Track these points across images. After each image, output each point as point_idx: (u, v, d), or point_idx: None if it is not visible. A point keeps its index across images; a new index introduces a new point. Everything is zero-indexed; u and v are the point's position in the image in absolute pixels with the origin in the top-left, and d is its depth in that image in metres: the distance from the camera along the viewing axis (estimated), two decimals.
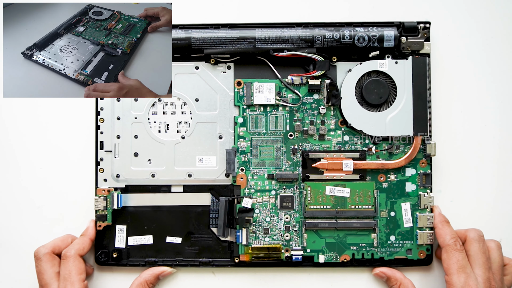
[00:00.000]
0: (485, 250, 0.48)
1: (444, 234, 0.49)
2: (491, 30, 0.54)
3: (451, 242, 0.48)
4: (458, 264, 0.47)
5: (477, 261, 0.47)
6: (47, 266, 0.49)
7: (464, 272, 0.46)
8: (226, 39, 0.51)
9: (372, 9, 0.54)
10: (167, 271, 0.52)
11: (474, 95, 0.54)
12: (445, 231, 0.49)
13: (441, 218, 0.51)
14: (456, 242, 0.48)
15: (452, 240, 0.48)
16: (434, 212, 0.52)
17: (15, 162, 0.54)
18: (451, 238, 0.48)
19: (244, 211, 0.52)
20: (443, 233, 0.49)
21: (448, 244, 0.48)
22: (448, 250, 0.48)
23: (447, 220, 0.51)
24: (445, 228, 0.50)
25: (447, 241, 0.48)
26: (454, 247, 0.48)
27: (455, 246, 0.48)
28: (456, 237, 0.48)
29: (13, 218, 0.54)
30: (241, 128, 0.53)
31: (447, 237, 0.48)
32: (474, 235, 0.49)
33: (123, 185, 0.53)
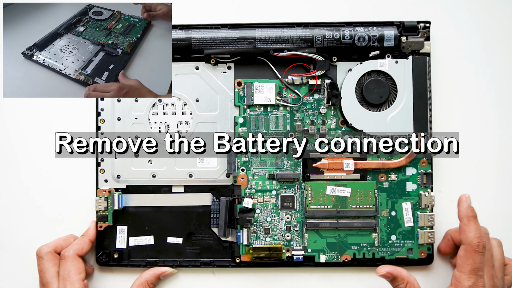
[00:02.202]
0: (489, 248, 0.47)
1: (468, 231, 0.46)
2: (491, 30, 0.54)
3: (475, 242, 0.46)
4: (474, 266, 0.45)
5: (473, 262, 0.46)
6: (49, 265, 0.49)
7: (476, 274, 0.45)
8: (226, 39, 0.51)
9: (372, 8, 0.54)
10: (168, 271, 0.52)
11: (474, 94, 0.54)
12: (471, 228, 0.46)
13: (469, 213, 0.47)
14: (480, 244, 0.45)
15: (476, 240, 0.46)
16: (462, 203, 0.48)
17: (15, 162, 0.54)
18: (476, 238, 0.46)
19: (245, 211, 0.52)
20: (468, 229, 0.46)
21: (470, 244, 0.46)
22: (469, 250, 0.46)
23: (475, 215, 0.47)
24: (471, 224, 0.47)
25: (471, 240, 0.46)
26: (476, 248, 0.45)
27: (478, 247, 0.45)
28: (481, 238, 0.46)
29: (14, 217, 0.54)
30: (242, 128, 0.53)
31: (471, 235, 0.46)
32: (481, 239, 0.46)
33: (124, 186, 0.53)
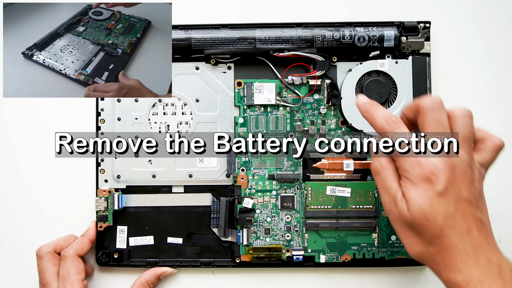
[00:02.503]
0: (440, 120, 0.40)
1: (375, 117, 0.41)
2: (491, 30, 0.54)
3: (385, 124, 0.40)
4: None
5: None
6: (49, 265, 0.49)
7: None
8: (226, 39, 0.51)
9: (372, 9, 0.54)
10: (168, 271, 0.52)
11: (474, 95, 0.54)
12: (376, 112, 0.41)
13: (367, 103, 0.42)
14: (390, 123, 0.40)
15: (385, 120, 0.40)
16: (358, 104, 0.43)
17: (15, 162, 0.54)
18: (385, 118, 0.40)
19: (245, 211, 0.52)
20: (373, 115, 0.41)
21: (381, 127, 0.40)
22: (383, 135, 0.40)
23: (376, 103, 0.42)
24: (375, 109, 0.41)
25: (380, 123, 0.40)
26: (388, 127, 0.40)
27: (390, 126, 0.40)
28: (391, 117, 0.40)
29: (14, 217, 0.54)
30: (242, 128, 0.53)
31: (379, 118, 0.41)
32: (427, 103, 0.40)
33: (124, 186, 0.53)
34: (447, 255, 0.38)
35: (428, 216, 0.38)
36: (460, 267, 0.38)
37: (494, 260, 0.38)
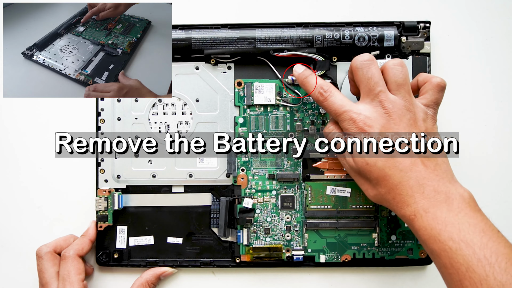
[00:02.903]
0: (370, 75, 0.43)
1: (308, 88, 0.45)
2: (491, 30, 0.54)
3: (318, 95, 0.45)
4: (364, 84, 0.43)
5: (362, 91, 0.43)
6: (48, 265, 0.49)
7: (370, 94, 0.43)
8: (226, 39, 0.51)
9: (372, 8, 0.54)
10: (168, 271, 0.52)
11: (474, 94, 0.54)
12: (309, 83, 0.46)
13: (301, 74, 0.46)
14: (322, 92, 0.44)
15: (317, 91, 0.44)
16: (296, 74, 0.47)
17: (15, 162, 0.54)
18: (317, 89, 0.45)
19: (245, 211, 0.52)
20: (307, 86, 0.45)
21: (315, 98, 0.45)
22: (317, 98, 0.44)
23: (310, 72, 0.46)
24: (308, 80, 0.46)
25: (313, 94, 0.45)
26: (321, 98, 0.44)
27: (322, 96, 0.44)
28: (322, 87, 0.45)
29: (13, 218, 0.54)
30: (242, 128, 0.53)
31: (312, 89, 0.45)
32: (355, 63, 0.44)
33: (124, 186, 0.53)
34: (395, 193, 0.41)
35: (367, 161, 0.42)
36: (408, 201, 0.40)
37: (441, 189, 0.40)
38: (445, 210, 0.38)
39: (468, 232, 0.37)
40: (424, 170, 0.41)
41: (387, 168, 0.41)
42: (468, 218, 0.38)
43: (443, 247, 0.37)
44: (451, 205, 0.39)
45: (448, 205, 0.39)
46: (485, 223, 0.38)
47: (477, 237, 0.37)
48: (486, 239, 0.37)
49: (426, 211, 0.39)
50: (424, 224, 0.39)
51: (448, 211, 0.38)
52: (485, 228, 0.37)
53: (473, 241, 0.36)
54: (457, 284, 0.36)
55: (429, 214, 0.39)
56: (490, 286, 0.35)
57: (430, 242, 0.38)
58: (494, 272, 0.35)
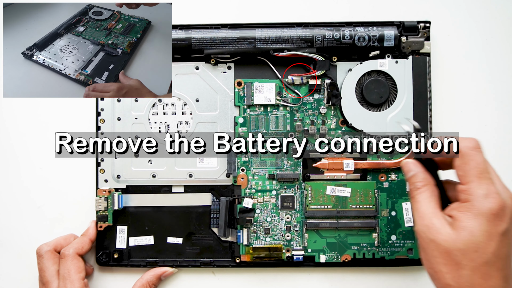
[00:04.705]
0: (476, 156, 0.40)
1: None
2: (491, 30, 0.54)
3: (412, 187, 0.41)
4: (479, 167, 0.39)
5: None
6: (49, 263, 0.49)
7: (485, 177, 0.38)
8: (226, 39, 0.51)
9: (372, 8, 0.54)
10: (168, 271, 0.52)
11: (474, 94, 0.54)
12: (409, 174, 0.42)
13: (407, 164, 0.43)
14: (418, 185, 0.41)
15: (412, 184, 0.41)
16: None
17: (15, 161, 0.54)
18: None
19: (245, 211, 0.52)
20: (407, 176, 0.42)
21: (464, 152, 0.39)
22: (465, 155, 0.39)
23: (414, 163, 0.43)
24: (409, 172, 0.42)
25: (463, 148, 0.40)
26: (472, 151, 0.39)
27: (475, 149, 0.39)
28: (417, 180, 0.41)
29: (14, 217, 0.54)
30: (242, 128, 0.53)
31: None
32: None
33: (124, 186, 0.53)
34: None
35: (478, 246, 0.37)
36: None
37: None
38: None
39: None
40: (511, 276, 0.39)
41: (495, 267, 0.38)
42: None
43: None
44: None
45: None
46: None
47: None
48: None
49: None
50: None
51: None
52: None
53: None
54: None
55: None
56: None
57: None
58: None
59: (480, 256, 0.37)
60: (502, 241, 0.37)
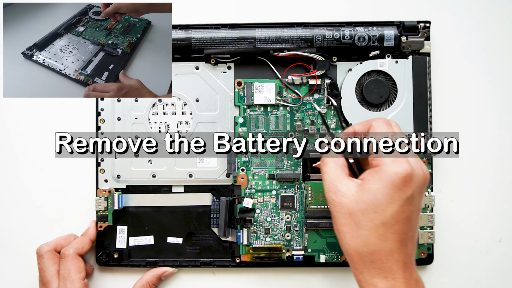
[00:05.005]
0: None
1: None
2: (491, 30, 0.54)
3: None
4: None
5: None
6: (49, 263, 0.49)
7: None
8: (226, 39, 0.51)
9: (372, 8, 0.54)
10: (168, 271, 0.52)
11: (474, 94, 0.54)
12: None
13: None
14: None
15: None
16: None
17: (15, 162, 0.54)
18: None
19: (245, 211, 0.52)
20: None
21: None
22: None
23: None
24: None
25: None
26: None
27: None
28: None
29: (14, 217, 0.54)
30: (242, 128, 0.53)
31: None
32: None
33: (124, 186, 0.53)
34: (381, 260, 0.39)
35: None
36: (388, 274, 0.39)
37: (414, 273, 0.40)
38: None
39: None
40: (412, 247, 0.40)
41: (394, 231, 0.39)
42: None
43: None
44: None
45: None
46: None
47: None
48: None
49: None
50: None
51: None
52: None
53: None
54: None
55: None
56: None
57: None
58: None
59: (378, 217, 0.38)
60: (404, 206, 0.38)
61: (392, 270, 0.38)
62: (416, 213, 0.40)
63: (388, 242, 0.38)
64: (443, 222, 0.53)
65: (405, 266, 0.39)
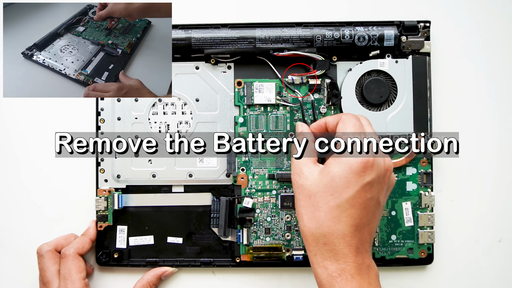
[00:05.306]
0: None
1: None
2: (491, 30, 0.54)
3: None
4: (355, 127, 0.43)
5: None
6: (50, 263, 0.49)
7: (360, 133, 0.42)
8: (226, 39, 0.51)
9: (372, 8, 0.54)
10: (168, 271, 0.52)
11: (474, 94, 0.54)
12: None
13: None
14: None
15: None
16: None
17: (15, 162, 0.54)
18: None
19: (245, 211, 0.52)
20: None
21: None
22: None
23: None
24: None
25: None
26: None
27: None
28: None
29: (14, 217, 0.54)
30: (242, 128, 0.53)
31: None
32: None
33: (124, 186, 0.53)
34: (333, 242, 0.40)
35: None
36: (339, 258, 0.40)
37: (366, 259, 0.40)
38: (367, 282, 0.39)
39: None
40: (368, 235, 0.41)
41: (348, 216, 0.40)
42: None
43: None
44: (370, 277, 0.40)
45: (369, 277, 0.40)
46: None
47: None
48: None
49: (353, 276, 0.39)
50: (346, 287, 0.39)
51: (368, 284, 0.40)
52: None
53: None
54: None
55: (355, 281, 0.39)
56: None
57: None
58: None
59: (334, 200, 0.40)
60: (360, 192, 0.40)
61: (344, 254, 0.39)
62: (375, 202, 0.41)
63: (341, 225, 0.39)
64: (443, 222, 0.53)
65: (357, 251, 0.40)
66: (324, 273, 0.40)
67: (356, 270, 0.39)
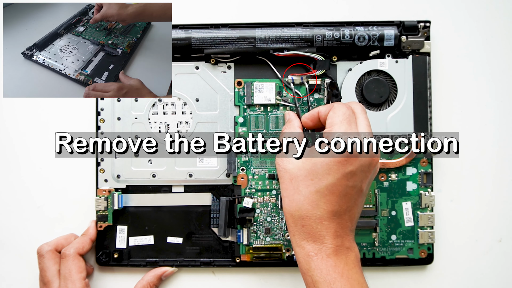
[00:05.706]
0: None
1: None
2: (491, 30, 0.54)
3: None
4: (344, 115, 0.42)
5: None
6: (50, 263, 0.49)
7: (348, 122, 0.42)
8: (226, 39, 0.51)
9: (372, 8, 0.54)
10: (168, 271, 0.52)
11: (474, 94, 0.54)
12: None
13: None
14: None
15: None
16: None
17: (15, 162, 0.54)
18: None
19: (245, 211, 0.52)
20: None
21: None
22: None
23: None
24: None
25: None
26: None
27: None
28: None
29: (14, 217, 0.54)
30: (242, 127, 0.53)
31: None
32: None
33: (124, 186, 0.53)
34: (311, 225, 0.40)
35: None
36: (317, 238, 0.40)
37: (346, 241, 0.41)
38: (343, 262, 0.40)
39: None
40: (349, 220, 0.42)
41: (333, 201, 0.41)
42: (358, 276, 0.40)
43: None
44: (348, 258, 0.41)
45: (346, 258, 0.41)
46: (366, 284, 0.41)
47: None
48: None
49: (328, 255, 0.40)
50: (322, 267, 0.40)
51: (345, 263, 0.40)
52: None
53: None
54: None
55: (330, 260, 0.40)
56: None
57: (321, 285, 0.39)
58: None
59: (314, 185, 0.40)
60: (341, 180, 0.40)
61: (321, 236, 0.40)
62: (357, 190, 0.41)
63: (319, 210, 0.40)
64: (443, 222, 0.53)
65: (336, 234, 0.40)
66: (301, 252, 0.41)
67: (333, 251, 0.40)
